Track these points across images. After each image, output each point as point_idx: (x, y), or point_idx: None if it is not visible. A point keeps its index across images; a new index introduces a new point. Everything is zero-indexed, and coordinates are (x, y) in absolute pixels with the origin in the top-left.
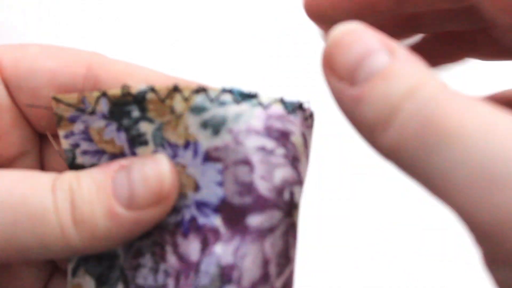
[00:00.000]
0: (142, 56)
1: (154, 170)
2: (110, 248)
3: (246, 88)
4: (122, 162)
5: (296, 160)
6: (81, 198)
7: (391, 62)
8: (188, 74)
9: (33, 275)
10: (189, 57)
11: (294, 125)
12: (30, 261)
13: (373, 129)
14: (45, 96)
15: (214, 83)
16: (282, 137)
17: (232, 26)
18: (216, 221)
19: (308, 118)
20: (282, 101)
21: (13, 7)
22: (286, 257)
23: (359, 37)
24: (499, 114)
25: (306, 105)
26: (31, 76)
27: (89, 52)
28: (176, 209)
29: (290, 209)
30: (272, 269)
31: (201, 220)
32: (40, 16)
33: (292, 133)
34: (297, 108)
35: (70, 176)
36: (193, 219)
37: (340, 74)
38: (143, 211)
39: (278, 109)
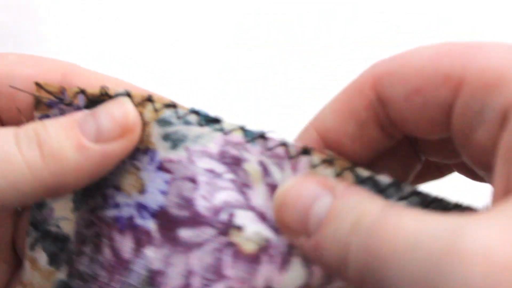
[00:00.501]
0: (142, 56)
1: (119, 107)
2: (78, 185)
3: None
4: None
5: (246, 186)
6: (49, 136)
7: (333, 202)
8: (188, 74)
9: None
10: (189, 57)
11: (250, 153)
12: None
13: (338, 269)
14: (22, 100)
15: (214, 83)
16: (234, 163)
17: (232, 26)
18: (151, 224)
19: (274, 148)
20: (242, 129)
21: (13, 7)
22: (216, 274)
23: (298, 192)
24: (422, 222)
25: (269, 135)
26: (10, 81)
27: (65, 61)
28: (117, 204)
29: (226, 229)
30: (196, 281)
31: (138, 220)
32: (40, 16)
33: (245, 160)
34: (257, 137)
35: (34, 124)
36: (131, 218)
37: (295, 231)
38: (110, 144)
39: (237, 136)
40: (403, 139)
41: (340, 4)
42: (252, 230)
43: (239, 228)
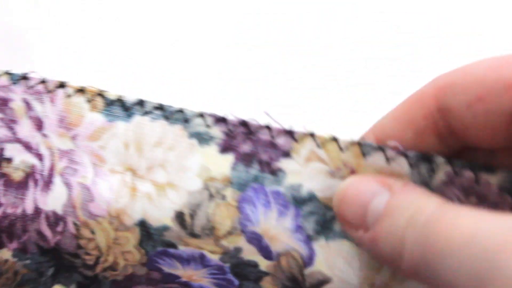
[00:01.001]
0: (142, 56)
1: None
2: None
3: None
4: None
5: (13, 122)
6: None
7: (390, 198)
8: (188, 74)
9: None
10: (189, 56)
11: (14, 93)
12: None
13: (393, 260)
14: None
15: (214, 83)
16: (2, 104)
17: (232, 26)
18: None
19: (35, 85)
20: (8, 73)
21: (13, 7)
22: None
23: (357, 188)
24: (478, 220)
25: (31, 75)
26: None
27: None
28: None
29: None
30: None
31: None
32: (40, 16)
33: (11, 100)
34: (20, 78)
35: None
36: None
37: (354, 225)
38: None
39: (3, 80)
40: (461, 150)
41: (340, 4)
42: (19, 159)
43: (8, 160)
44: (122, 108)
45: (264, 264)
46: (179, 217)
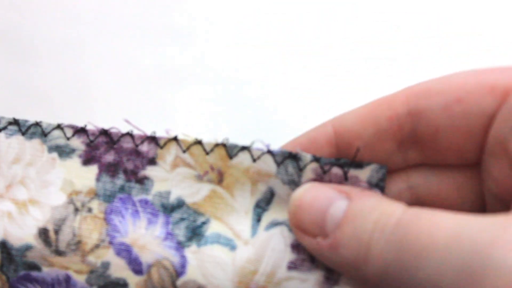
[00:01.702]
0: (142, 56)
1: None
2: None
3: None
4: None
5: None
6: None
7: (350, 204)
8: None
9: None
10: (189, 56)
11: None
12: None
13: (355, 266)
14: None
15: (214, 82)
16: None
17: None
18: None
19: None
20: None
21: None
22: None
23: (314, 195)
24: (461, 220)
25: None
26: None
27: None
28: None
29: None
30: None
31: None
32: (40, 16)
33: None
34: None
35: None
36: None
37: (312, 232)
38: None
39: None
40: (413, 167)
41: (340, 4)
42: None
43: None
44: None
45: (133, 281)
46: (43, 233)
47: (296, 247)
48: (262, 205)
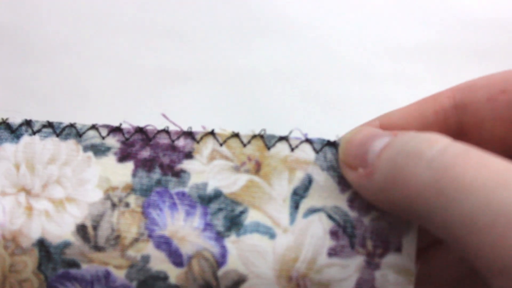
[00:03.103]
0: (142, 55)
1: None
2: None
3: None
4: None
5: None
6: None
7: (392, 138)
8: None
9: None
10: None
11: None
12: None
13: (385, 188)
14: None
15: (213, 82)
16: None
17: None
18: None
19: None
20: None
21: (13, 8)
22: None
23: (365, 133)
24: (510, 167)
25: None
26: None
27: None
28: None
29: None
30: None
31: None
32: (40, 16)
33: None
34: None
35: None
36: None
37: (355, 164)
38: None
39: None
40: None
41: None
42: None
43: None
44: (8, 130)
45: (174, 274)
46: (81, 230)
47: (335, 233)
48: (300, 192)
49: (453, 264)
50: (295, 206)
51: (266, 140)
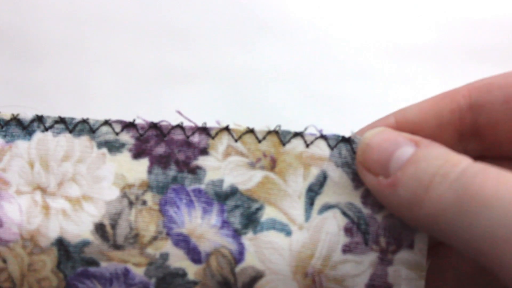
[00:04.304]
0: (143, 55)
1: None
2: None
3: None
4: None
5: None
6: None
7: (417, 149)
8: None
9: None
10: (188, 56)
11: None
12: None
13: (410, 206)
14: None
15: (213, 82)
16: None
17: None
18: None
19: None
20: None
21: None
22: None
23: (384, 137)
24: None
25: None
26: None
27: None
28: None
29: None
30: None
31: None
32: (40, 16)
33: None
34: None
35: None
36: None
37: (375, 170)
38: None
39: None
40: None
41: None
42: None
43: None
44: (19, 127)
45: (192, 270)
46: (100, 229)
47: (349, 230)
48: (315, 188)
49: (464, 260)
50: (310, 202)
51: (281, 136)
